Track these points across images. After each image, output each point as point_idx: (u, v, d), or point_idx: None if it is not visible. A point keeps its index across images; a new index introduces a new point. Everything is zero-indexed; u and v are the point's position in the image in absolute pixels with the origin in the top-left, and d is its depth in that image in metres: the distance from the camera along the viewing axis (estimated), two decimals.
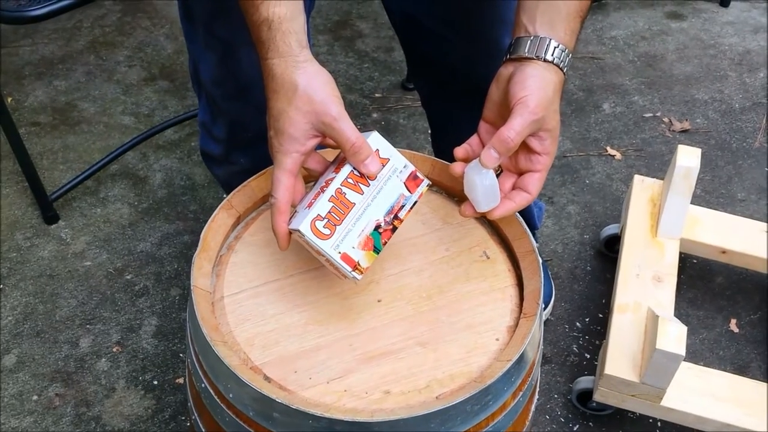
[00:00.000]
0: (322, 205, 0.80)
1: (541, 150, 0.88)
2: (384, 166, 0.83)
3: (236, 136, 1.23)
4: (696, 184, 1.50)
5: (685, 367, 1.37)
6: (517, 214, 0.99)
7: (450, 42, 1.20)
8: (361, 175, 0.83)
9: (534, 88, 0.85)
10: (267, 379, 0.85)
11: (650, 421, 1.47)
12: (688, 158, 1.46)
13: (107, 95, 2.08)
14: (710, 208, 1.68)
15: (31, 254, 1.71)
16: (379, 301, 0.93)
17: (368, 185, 0.82)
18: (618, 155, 1.99)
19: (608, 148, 2.01)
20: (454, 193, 1.06)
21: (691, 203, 1.53)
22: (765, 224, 1.60)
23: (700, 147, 1.58)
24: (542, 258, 1.71)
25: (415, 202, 0.85)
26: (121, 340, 1.57)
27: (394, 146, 0.87)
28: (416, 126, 2.03)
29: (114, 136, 1.97)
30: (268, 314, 0.91)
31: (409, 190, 0.84)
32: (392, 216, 0.84)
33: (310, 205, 0.82)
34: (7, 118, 1.61)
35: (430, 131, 1.55)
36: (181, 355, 1.55)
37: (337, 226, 0.80)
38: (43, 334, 1.57)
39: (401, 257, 0.98)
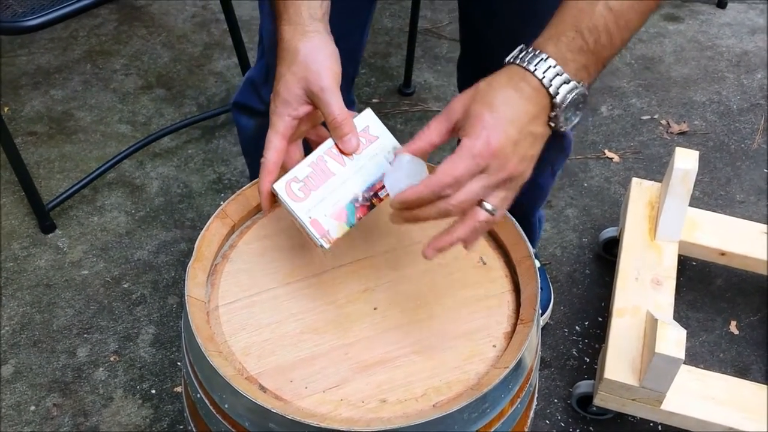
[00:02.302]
0: (302, 169, 0.80)
1: (462, 135, 0.76)
2: (371, 144, 0.82)
3: None
4: (694, 186, 1.50)
5: (685, 370, 1.36)
6: (515, 221, 0.98)
7: None
8: None
9: (466, 90, 0.75)
10: (262, 389, 0.84)
11: (651, 425, 1.47)
12: (685, 160, 1.46)
13: (104, 104, 2.08)
14: (709, 210, 1.68)
15: (28, 264, 1.71)
16: (375, 309, 0.92)
17: (352, 159, 0.81)
18: (616, 158, 1.99)
19: (606, 151, 2.00)
20: None
21: (689, 205, 1.53)
22: (764, 226, 1.60)
23: (699, 149, 1.58)
24: (540, 262, 1.71)
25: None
26: (119, 349, 1.56)
27: None
28: (413, 131, 2.03)
29: (110, 144, 1.97)
30: (263, 323, 0.90)
31: None
32: (371, 193, 0.82)
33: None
34: (3, 128, 1.61)
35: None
36: (178, 363, 1.54)
37: (313, 192, 0.79)
38: (41, 344, 1.57)
39: (397, 265, 0.97)
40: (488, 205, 0.76)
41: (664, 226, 1.52)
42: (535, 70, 0.75)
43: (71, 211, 1.81)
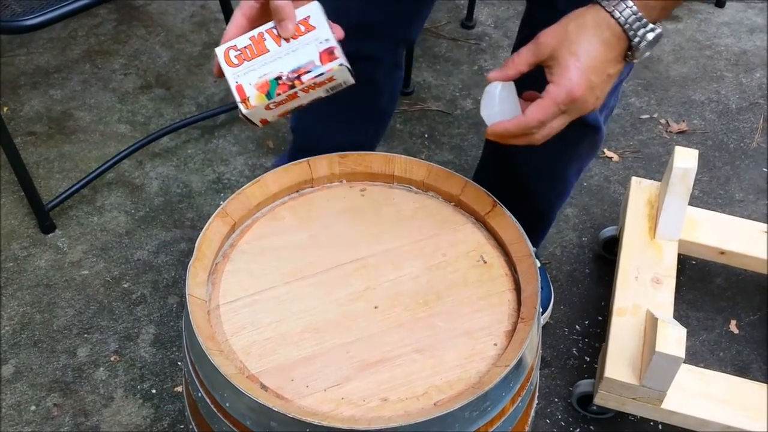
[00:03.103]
0: (242, 40, 0.87)
1: (549, 78, 0.85)
2: (308, 33, 0.88)
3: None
4: (694, 186, 1.50)
5: (686, 369, 1.36)
6: (515, 220, 0.98)
7: None
8: None
9: (556, 25, 0.84)
10: (264, 387, 0.84)
11: (651, 424, 1.47)
12: (685, 159, 1.46)
13: (103, 104, 2.08)
14: (708, 209, 1.68)
15: (28, 264, 1.71)
16: (375, 307, 0.92)
17: (288, 42, 0.87)
18: (615, 157, 1.99)
19: (606, 150, 2.01)
20: (450, 198, 1.05)
21: (689, 204, 1.53)
22: (764, 224, 1.60)
23: (698, 148, 1.58)
24: (540, 261, 1.71)
25: (322, 75, 0.88)
26: (119, 349, 1.56)
27: (392, 151, 0.87)
28: (413, 131, 2.03)
29: (110, 144, 1.97)
30: (264, 322, 0.90)
31: (321, 62, 0.87)
32: (295, 75, 0.88)
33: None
34: (2, 128, 1.61)
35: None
36: (179, 363, 1.54)
37: (246, 62, 0.87)
38: (41, 344, 1.57)
39: (398, 263, 0.97)
40: None
41: (663, 225, 1.53)
42: (619, 14, 0.82)
43: (71, 211, 1.81)
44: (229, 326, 0.90)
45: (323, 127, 1.33)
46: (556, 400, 1.51)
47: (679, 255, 1.55)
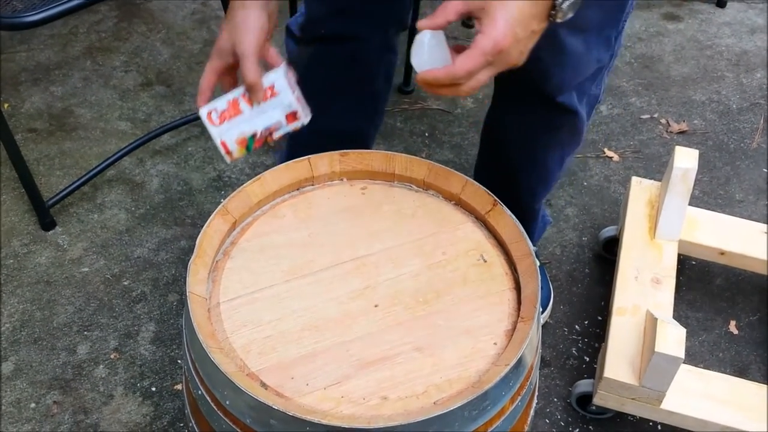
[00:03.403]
0: (222, 102, 1.03)
1: (478, 28, 0.88)
2: (274, 98, 1.03)
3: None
4: (694, 186, 1.50)
5: (685, 369, 1.37)
6: (515, 219, 0.98)
7: None
8: None
9: (501, 26, 0.87)
10: (264, 385, 0.84)
11: (650, 424, 1.47)
12: (685, 160, 1.46)
13: (104, 101, 2.08)
14: (708, 209, 1.68)
15: (28, 261, 1.71)
16: (375, 306, 0.92)
17: (258, 104, 1.03)
18: (616, 157, 1.99)
19: (606, 150, 2.01)
20: (450, 196, 1.05)
21: (689, 205, 1.53)
22: (764, 225, 1.60)
23: (698, 148, 1.58)
24: (540, 261, 1.71)
25: (289, 131, 1.05)
26: (119, 346, 1.56)
27: (392, 149, 0.88)
28: (413, 129, 2.03)
29: (110, 141, 1.97)
30: (264, 320, 0.90)
31: (287, 122, 1.04)
32: (268, 132, 1.04)
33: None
34: (3, 125, 1.61)
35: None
36: (179, 361, 1.55)
37: (226, 121, 1.04)
38: (41, 341, 1.57)
39: (398, 261, 0.97)
40: None
41: (663, 226, 1.53)
42: None
43: (71, 208, 1.81)
44: (230, 324, 0.90)
45: (320, 111, 1.36)
46: (555, 399, 1.51)
47: (679, 255, 1.55)
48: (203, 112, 1.04)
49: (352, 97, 1.37)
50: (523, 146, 1.36)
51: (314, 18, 1.28)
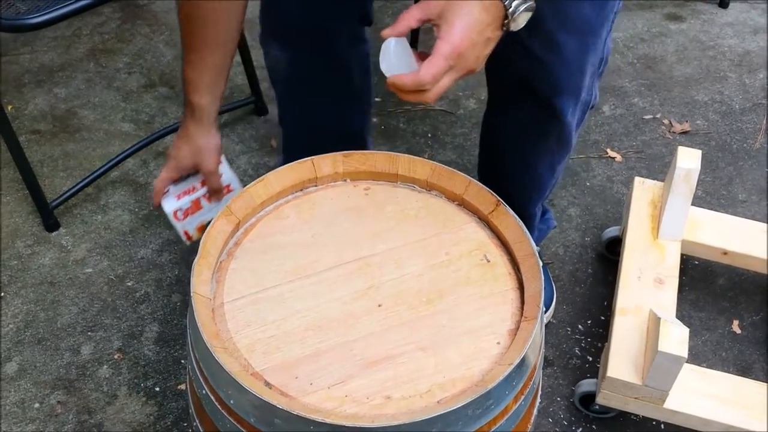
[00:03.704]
0: (185, 203, 1.22)
1: (437, 35, 0.92)
2: (229, 194, 1.26)
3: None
4: (697, 186, 1.50)
5: (688, 369, 1.37)
6: (518, 219, 0.99)
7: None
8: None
9: (458, 31, 0.91)
10: (268, 385, 0.85)
11: (653, 423, 1.47)
12: (688, 160, 1.46)
13: (107, 102, 2.09)
14: (711, 209, 1.68)
15: (32, 262, 1.71)
16: (379, 305, 0.93)
17: (215, 201, 1.26)
18: (618, 157, 1.99)
19: (608, 151, 2.01)
20: (454, 197, 1.06)
21: (692, 205, 1.53)
22: (766, 225, 1.60)
23: (701, 148, 1.58)
24: (543, 261, 1.71)
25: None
26: (123, 346, 1.57)
27: (395, 150, 0.88)
28: (416, 130, 2.03)
29: (114, 143, 1.97)
30: (268, 320, 0.91)
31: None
32: None
33: (185, 193, 1.23)
34: (7, 126, 1.62)
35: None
36: (182, 361, 1.55)
37: (188, 216, 1.24)
38: (45, 342, 1.57)
39: (401, 262, 0.97)
40: None
41: (666, 226, 1.53)
42: None
43: (75, 210, 1.82)
44: (234, 324, 0.90)
45: (304, 110, 1.47)
46: (558, 399, 1.51)
47: (682, 255, 1.55)
48: (169, 210, 1.22)
49: (332, 93, 1.42)
50: (516, 150, 1.38)
51: (283, 13, 1.33)
